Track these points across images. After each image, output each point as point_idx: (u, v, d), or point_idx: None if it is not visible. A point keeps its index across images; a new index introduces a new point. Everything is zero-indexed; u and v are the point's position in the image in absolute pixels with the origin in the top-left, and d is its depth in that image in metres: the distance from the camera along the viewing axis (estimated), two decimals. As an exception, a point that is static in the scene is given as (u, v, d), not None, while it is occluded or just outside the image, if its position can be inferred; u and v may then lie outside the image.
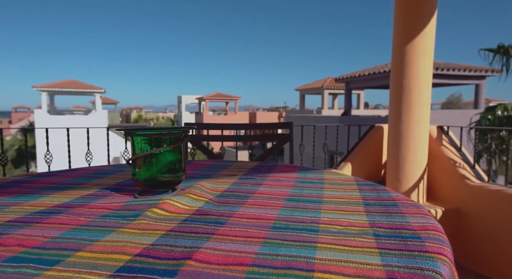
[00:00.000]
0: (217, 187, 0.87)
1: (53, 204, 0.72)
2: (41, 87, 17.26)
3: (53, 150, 2.95)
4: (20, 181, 0.95)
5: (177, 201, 0.70)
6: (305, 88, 19.13)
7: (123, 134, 3.08)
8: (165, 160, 0.79)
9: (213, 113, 30.40)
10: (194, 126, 0.84)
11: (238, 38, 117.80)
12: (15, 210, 0.68)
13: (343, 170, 3.61)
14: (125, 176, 1.03)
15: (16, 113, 39.54)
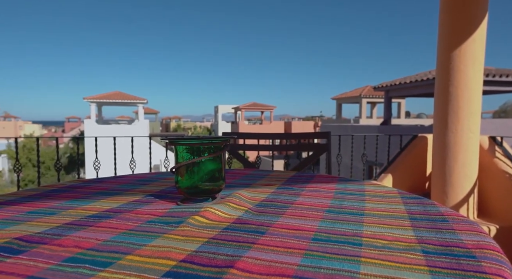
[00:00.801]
0: (256, 196, 0.87)
1: (103, 209, 0.77)
2: (90, 98, 18.60)
3: (99, 157, 3.14)
4: (74, 187, 1.02)
5: (217, 210, 0.72)
6: (342, 97, 18.76)
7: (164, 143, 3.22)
8: (206, 169, 0.82)
9: (249, 123, 30.75)
10: (234, 136, 0.86)
11: (274, 47, 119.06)
12: (70, 214, 0.73)
13: (383, 182, 3.46)
14: (167, 183, 1.07)
15: (68, 123, 42.85)
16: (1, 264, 0.47)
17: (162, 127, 37.65)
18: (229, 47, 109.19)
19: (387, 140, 3.65)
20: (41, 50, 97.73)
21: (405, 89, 11.21)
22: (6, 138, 4.20)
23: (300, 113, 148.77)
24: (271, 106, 29.12)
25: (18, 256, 0.49)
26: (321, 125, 16.04)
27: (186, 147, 0.82)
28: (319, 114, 37.57)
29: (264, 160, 16.89)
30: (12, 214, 0.72)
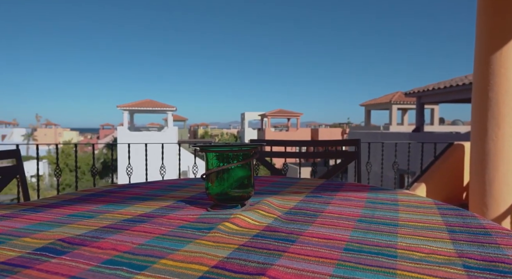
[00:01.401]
0: (285, 204, 0.87)
1: (138, 213, 0.80)
2: (123, 106, 19.43)
3: (131, 163, 3.26)
4: (109, 191, 1.07)
5: (247, 217, 0.72)
6: (371, 103, 18.31)
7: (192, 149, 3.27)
8: (236, 176, 0.83)
9: (275, 129, 30.72)
10: (263, 143, 0.87)
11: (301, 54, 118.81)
12: (107, 217, 0.76)
13: (416, 191, 3.32)
14: (197, 189, 1.09)
15: (103, 130, 44.95)
16: (47, 264, 0.50)
17: (190, 133, 38.54)
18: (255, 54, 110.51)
19: (420, 148, 3.50)
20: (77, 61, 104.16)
21: (438, 95, 10.75)
22: (47, 144, 4.49)
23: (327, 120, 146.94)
24: (297, 113, 28.97)
25: (61, 257, 0.52)
26: (349, 132, 15.71)
27: (216, 154, 0.83)
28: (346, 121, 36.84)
29: (291, 167, 16.76)
30: (55, 217, 0.77)
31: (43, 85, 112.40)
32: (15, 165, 1.27)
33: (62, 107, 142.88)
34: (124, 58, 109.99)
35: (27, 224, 0.71)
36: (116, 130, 24.45)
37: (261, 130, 29.21)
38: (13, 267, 0.49)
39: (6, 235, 0.63)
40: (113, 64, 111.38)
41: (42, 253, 0.54)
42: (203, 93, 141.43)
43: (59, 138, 40.18)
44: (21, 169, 1.28)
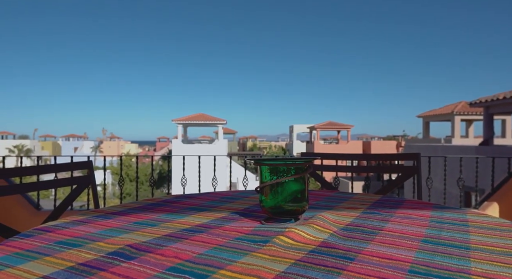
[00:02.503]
0: (340, 219, 0.84)
1: (195, 224, 0.83)
2: (178, 120, 20.58)
3: (182, 174, 3.41)
4: (168, 201, 1.13)
5: (302, 231, 0.71)
6: (429, 114, 17.11)
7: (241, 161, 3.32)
8: (290, 189, 0.83)
9: (324, 142, 30.08)
10: (317, 157, 0.86)
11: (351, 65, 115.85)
12: (168, 226, 0.81)
13: (486, 211, 3.00)
14: (250, 202, 1.11)
15: (159, 142, 47.92)
16: (119, 267, 0.54)
17: (239, 146, 39.37)
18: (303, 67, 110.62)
19: (490, 163, 3.17)
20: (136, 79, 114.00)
21: (511, 105, 9.70)
22: (112, 156, 4.93)
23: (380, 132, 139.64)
24: (348, 125, 28.12)
25: (130, 262, 0.57)
26: (405, 145, 14.79)
27: (270, 167, 0.84)
28: (402, 133, 34.79)
29: (342, 182, 16.20)
30: (122, 224, 0.83)
31: (109, 101, 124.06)
32: (88, 175, 1.41)
33: (124, 121, 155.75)
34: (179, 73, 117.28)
35: (100, 229, 0.78)
36: (171, 142, 25.87)
37: (310, 143, 28.80)
38: (90, 269, 0.54)
39: (83, 238, 0.70)
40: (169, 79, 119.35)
41: (114, 257, 0.59)
42: (252, 106, 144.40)
43: (121, 150, 43.67)
44: (93, 179, 1.42)
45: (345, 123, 28.72)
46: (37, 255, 0.60)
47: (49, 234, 0.73)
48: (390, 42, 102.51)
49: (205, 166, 3.39)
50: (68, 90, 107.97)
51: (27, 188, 1.35)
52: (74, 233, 0.74)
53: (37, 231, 0.75)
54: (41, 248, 0.64)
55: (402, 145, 26.87)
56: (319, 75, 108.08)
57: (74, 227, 0.79)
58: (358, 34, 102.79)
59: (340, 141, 28.47)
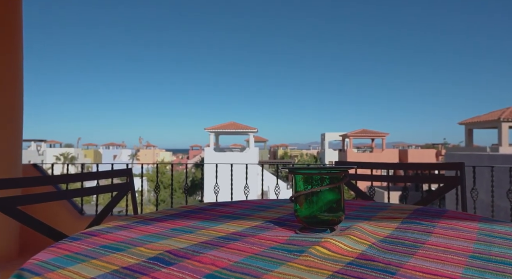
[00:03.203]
0: (379, 230, 0.81)
1: (230, 232, 0.84)
2: (210, 129, 21.03)
3: (214, 182, 3.46)
4: (203, 209, 1.15)
5: (339, 242, 0.70)
6: (473, 121, 16.11)
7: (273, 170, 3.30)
8: (325, 199, 0.81)
9: (358, 151, 29.25)
10: (353, 166, 0.84)
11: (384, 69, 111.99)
12: (204, 233, 0.82)
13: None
14: (284, 211, 1.10)
15: (192, 151, 49.17)
16: (159, 273, 0.56)
17: (270, 154, 39.34)
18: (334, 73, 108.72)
19: (543, 173, 2.91)
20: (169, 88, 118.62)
21: None
22: (148, 163, 5.15)
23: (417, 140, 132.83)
24: (383, 133, 27.19)
25: (170, 267, 0.58)
26: (446, 153, 14.01)
27: (305, 176, 0.84)
28: (442, 141, 33.02)
29: (377, 191, 15.61)
30: (161, 230, 0.86)
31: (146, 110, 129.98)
32: (128, 182, 1.48)
33: (159, 130, 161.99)
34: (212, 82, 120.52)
35: (140, 234, 0.81)
36: (203, 150, 26.43)
37: (342, 151, 28.16)
38: (133, 273, 0.56)
39: (125, 243, 0.74)
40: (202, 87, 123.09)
41: (154, 262, 0.61)
42: (283, 115, 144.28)
43: (156, 158, 45.30)
44: (132, 186, 1.48)
45: (380, 130, 27.79)
46: (85, 258, 0.64)
47: (95, 238, 0.78)
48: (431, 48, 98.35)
49: (236, 174, 3.43)
50: (108, 102, 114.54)
51: (73, 194, 1.44)
52: (116, 237, 0.78)
53: (84, 235, 0.80)
54: (88, 251, 0.68)
55: (442, 154, 25.47)
56: (351, 82, 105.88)
57: (116, 232, 0.83)
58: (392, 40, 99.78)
59: (375, 149, 27.55)
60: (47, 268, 0.59)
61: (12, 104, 2.16)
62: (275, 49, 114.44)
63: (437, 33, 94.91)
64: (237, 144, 38.75)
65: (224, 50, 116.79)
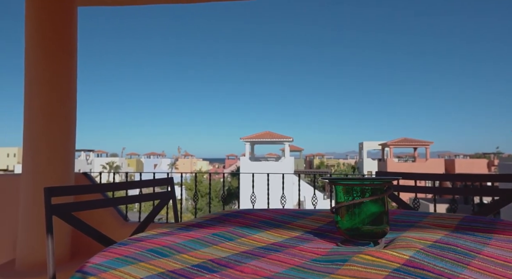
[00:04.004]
0: (426, 236, 0.77)
1: (270, 242, 0.84)
2: (245, 138, 21.28)
3: (250, 191, 3.48)
4: (242, 212, 1.16)
5: (384, 250, 0.67)
6: (528, 128, 14.74)
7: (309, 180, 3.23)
8: (368, 211, 0.79)
9: (399, 160, 27.93)
10: (398, 177, 0.81)
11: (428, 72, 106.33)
12: (244, 242, 0.83)
13: None
14: (323, 222, 1.08)
15: (228, 160, 49.98)
16: (203, 278, 0.58)
17: (306, 164, 38.80)
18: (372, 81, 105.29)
19: None
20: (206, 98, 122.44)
21: None
22: (187, 172, 5.31)
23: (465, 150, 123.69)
24: (426, 141, 25.77)
25: (213, 274, 0.60)
26: (499, 163, 12.93)
27: (346, 187, 0.82)
28: (494, 151, 30.52)
29: (422, 204, 14.73)
30: (202, 235, 0.88)
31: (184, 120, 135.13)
32: (169, 191, 1.53)
33: (196, 140, 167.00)
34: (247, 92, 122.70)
35: (183, 240, 0.84)
36: (239, 160, 26.73)
37: (382, 161, 27.04)
38: (178, 276, 0.58)
39: (170, 248, 0.76)
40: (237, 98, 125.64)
41: (198, 269, 0.63)
42: (319, 124, 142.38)
43: (194, 167, 46.58)
44: (174, 194, 1.54)
45: (423, 139, 26.37)
46: (134, 261, 0.67)
47: (142, 243, 0.81)
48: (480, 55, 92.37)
49: (271, 184, 3.42)
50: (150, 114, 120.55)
51: (120, 201, 1.53)
52: (162, 242, 0.81)
53: (132, 241, 0.84)
54: (136, 254, 0.72)
55: (495, 164, 23.55)
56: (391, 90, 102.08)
57: (161, 237, 0.87)
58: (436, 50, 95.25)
59: (417, 159, 26.15)
60: (100, 269, 0.63)
61: (68, 116, 2.36)
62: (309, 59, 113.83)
63: (485, 41, 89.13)
64: (272, 153, 38.73)
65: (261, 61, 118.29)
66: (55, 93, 2.30)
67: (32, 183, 2.21)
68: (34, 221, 2.18)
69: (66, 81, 2.36)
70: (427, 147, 25.73)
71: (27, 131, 2.26)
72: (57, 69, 2.32)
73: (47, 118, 2.27)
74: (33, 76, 2.27)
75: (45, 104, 2.27)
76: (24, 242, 2.20)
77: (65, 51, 2.36)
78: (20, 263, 2.19)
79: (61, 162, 2.32)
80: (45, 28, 2.30)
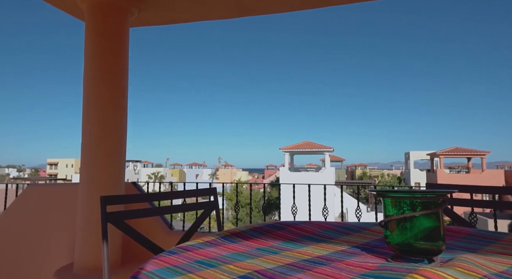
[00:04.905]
0: (491, 264, 0.70)
1: (315, 255, 0.82)
2: (285, 149, 21.18)
3: (291, 202, 3.43)
4: (286, 224, 1.15)
5: (442, 272, 0.62)
6: None
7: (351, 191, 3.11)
8: (421, 226, 0.74)
9: (450, 171, 26.01)
10: (454, 190, 0.76)
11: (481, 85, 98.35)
12: (288, 255, 0.82)
13: None
14: (370, 236, 1.03)
15: (267, 170, 50.00)
16: (250, 291, 0.58)
17: (348, 174, 37.54)
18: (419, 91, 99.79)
19: None
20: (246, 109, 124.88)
21: None
22: (228, 183, 5.39)
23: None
24: (481, 151, 23.78)
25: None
26: None
27: (395, 199, 0.78)
28: None
29: (479, 219, 13.52)
30: (246, 248, 0.89)
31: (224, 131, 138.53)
32: (213, 201, 1.57)
33: (236, 150, 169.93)
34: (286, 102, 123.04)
35: (228, 252, 0.85)
36: (278, 170, 26.61)
37: (431, 172, 25.36)
38: (226, 289, 0.59)
39: (216, 260, 0.78)
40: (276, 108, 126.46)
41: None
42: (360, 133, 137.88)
43: (233, 177, 47.21)
44: (217, 204, 1.57)
45: (478, 149, 24.37)
46: (183, 271, 0.69)
47: (189, 253, 0.84)
48: None
49: (311, 195, 3.35)
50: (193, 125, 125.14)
51: (166, 210, 1.59)
52: (208, 254, 0.83)
53: (179, 249, 0.87)
54: (184, 265, 0.74)
55: None
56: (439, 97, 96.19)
57: (207, 248, 0.89)
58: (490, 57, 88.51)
59: (472, 169, 24.16)
60: (152, 277, 0.66)
61: (120, 129, 2.53)
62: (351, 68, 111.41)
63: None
64: (312, 163, 38.05)
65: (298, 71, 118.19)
66: (109, 108, 2.49)
67: (89, 191, 2.39)
68: (89, 228, 2.34)
69: (119, 96, 2.54)
70: (483, 157, 23.68)
71: (84, 143, 2.46)
72: (111, 85, 2.52)
73: (102, 131, 2.46)
74: (91, 92, 2.48)
75: (100, 118, 2.46)
76: (81, 247, 2.36)
77: (119, 69, 2.55)
78: (78, 266, 2.35)
79: (114, 172, 2.48)
80: (102, 50, 2.51)
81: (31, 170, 66.54)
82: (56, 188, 3.22)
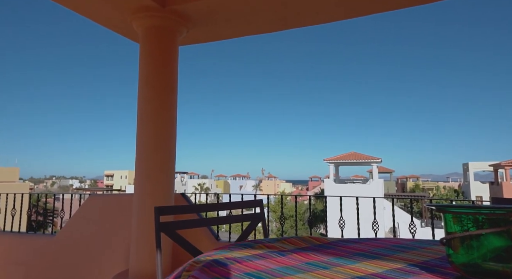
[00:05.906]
0: None
1: (369, 272, 0.78)
2: (329, 160, 20.66)
3: (337, 215, 3.31)
4: (335, 244, 1.12)
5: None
6: None
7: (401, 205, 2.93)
8: (490, 245, 0.67)
9: (518, 183, 23.34)
10: (528, 206, 0.68)
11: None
12: (340, 271, 0.79)
13: None
14: (429, 254, 0.96)
15: (311, 182, 49.04)
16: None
17: (398, 186, 35.41)
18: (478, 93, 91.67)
19: None
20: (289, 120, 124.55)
21: None
22: (273, 194, 5.38)
23: None
24: (555, 160, 21.10)
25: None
26: None
27: (458, 215, 0.72)
28: None
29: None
30: (295, 263, 0.87)
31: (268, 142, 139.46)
32: (259, 213, 1.57)
33: (279, 161, 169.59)
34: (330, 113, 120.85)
35: (278, 266, 0.84)
36: (323, 182, 25.97)
37: (495, 185, 23.02)
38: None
39: (266, 273, 0.77)
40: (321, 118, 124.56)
41: (296, 295, 0.62)
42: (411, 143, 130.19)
43: (277, 189, 46.96)
44: (263, 216, 1.57)
45: (550, 157, 21.68)
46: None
47: (238, 264, 0.85)
48: None
49: (360, 208, 3.21)
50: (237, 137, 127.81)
51: (214, 221, 1.63)
52: (257, 266, 0.83)
53: (229, 260, 0.88)
54: (235, 277, 0.74)
55: None
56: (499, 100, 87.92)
57: (256, 260, 0.89)
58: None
59: (545, 181, 21.49)
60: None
61: (170, 142, 2.68)
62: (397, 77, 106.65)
63: None
64: (358, 175, 36.55)
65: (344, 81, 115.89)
66: (160, 122, 2.65)
67: (142, 202, 2.53)
68: (143, 236, 2.47)
69: (169, 110, 2.70)
70: (557, 167, 20.98)
71: (139, 156, 2.63)
72: (163, 101, 2.69)
73: (154, 144, 2.61)
74: (144, 108, 2.66)
75: (152, 132, 2.63)
76: (135, 255, 2.49)
77: (169, 86, 2.72)
78: (133, 273, 2.48)
79: (165, 184, 2.61)
80: (155, 69, 2.71)
81: (90, 181, 72.35)
82: (113, 198, 3.47)
